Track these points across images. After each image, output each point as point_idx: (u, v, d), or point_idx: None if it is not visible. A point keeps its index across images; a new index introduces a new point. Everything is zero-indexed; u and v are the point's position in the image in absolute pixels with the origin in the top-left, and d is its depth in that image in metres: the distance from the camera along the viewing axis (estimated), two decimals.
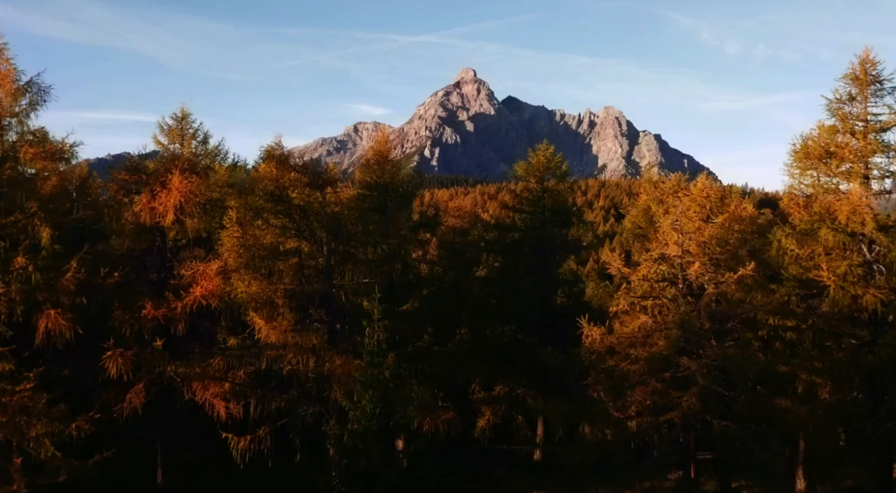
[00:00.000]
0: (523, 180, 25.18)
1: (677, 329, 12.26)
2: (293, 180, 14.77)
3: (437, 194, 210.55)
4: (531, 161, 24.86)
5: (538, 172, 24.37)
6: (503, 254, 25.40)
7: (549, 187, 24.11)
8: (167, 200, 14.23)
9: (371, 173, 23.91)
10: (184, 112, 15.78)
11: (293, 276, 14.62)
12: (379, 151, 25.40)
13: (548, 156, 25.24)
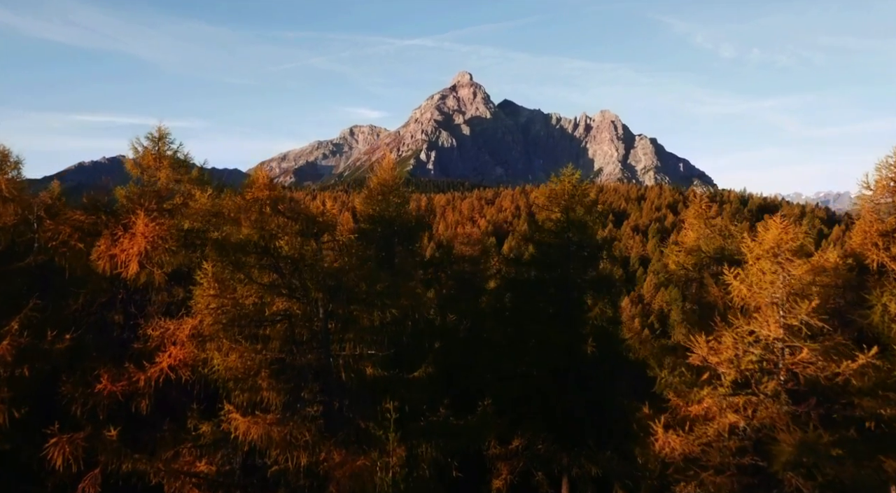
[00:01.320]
0: (546, 210, 22.18)
1: (793, 448, 9.62)
2: (282, 226, 11.99)
3: (433, 199, 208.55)
4: (554, 189, 21.95)
5: (562, 200, 21.46)
6: (521, 293, 22.38)
7: (574, 219, 21.14)
8: (130, 247, 11.79)
9: (374, 205, 21.57)
10: (161, 132, 13.30)
11: (282, 344, 11.76)
12: (383, 180, 22.64)
13: (573, 182, 22.15)
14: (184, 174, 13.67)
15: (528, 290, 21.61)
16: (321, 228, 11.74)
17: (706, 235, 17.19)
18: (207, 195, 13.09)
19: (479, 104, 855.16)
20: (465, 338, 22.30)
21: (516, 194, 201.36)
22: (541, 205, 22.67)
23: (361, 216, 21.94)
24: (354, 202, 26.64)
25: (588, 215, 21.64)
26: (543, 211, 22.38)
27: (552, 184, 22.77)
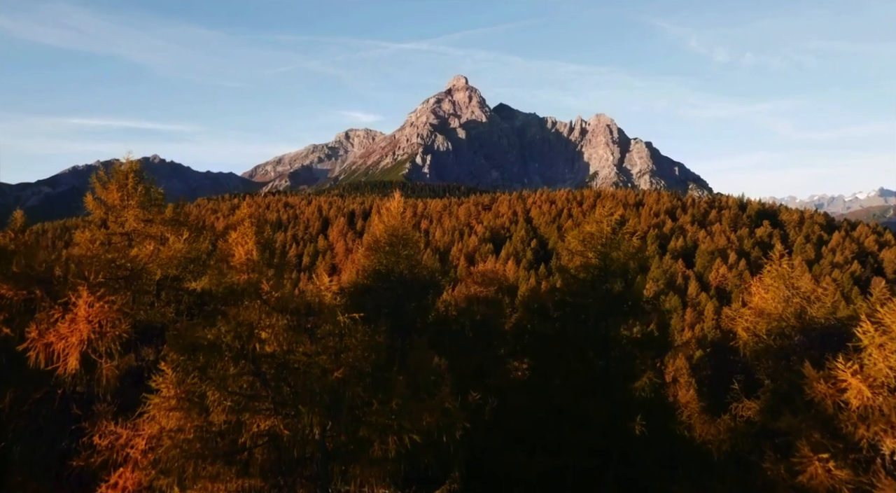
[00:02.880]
0: (579, 256, 18.61)
1: None
2: (267, 322, 8.68)
3: (430, 205, 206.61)
4: (589, 231, 18.58)
5: (598, 245, 18.21)
6: (548, 352, 18.62)
7: (614, 266, 17.97)
8: (69, 335, 9.18)
9: (381, 258, 18.55)
10: (130, 165, 11.36)
11: (265, 472, 8.88)
12: (391, 228, 19.29)
13: (612, 224, 18.89)
14: (156, 215, 11.67)
15: (557, 350, 18.24)
16: (318, 320, 8.84)
17: (784, 296, 14.22)
18: (183, 239, 11.14)
19: (475, 108, 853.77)
20: (491, 421, 18.28)
21: (513, 200, 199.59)
22: (573, 249, 19.35)
23: (365, 272, 18.80)
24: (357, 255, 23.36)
25: (631, 263, 18.78)
26: (576, 256, 19.01)
27: (587, 226, 19.58)
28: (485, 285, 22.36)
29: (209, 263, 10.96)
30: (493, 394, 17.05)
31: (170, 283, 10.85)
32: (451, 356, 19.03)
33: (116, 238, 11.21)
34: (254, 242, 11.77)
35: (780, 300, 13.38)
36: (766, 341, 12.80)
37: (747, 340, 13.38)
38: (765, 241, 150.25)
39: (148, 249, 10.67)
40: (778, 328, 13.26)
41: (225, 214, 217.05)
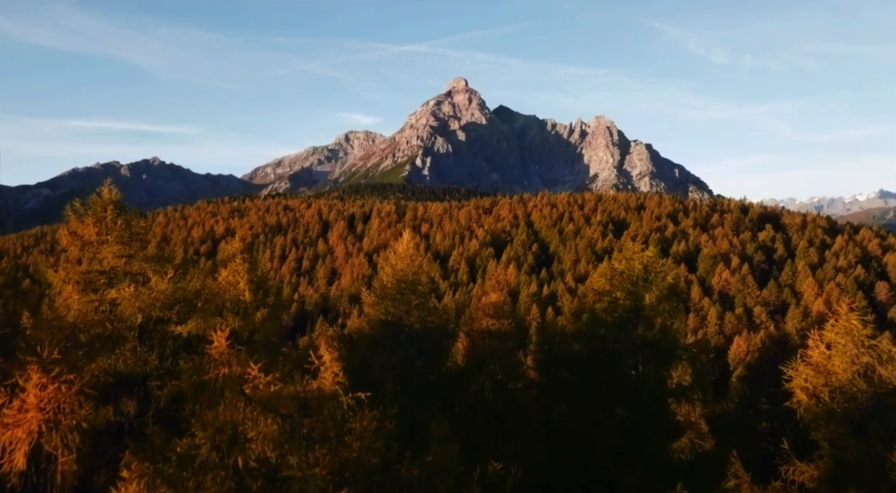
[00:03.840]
0: (605, 296, 16.63)
1: None
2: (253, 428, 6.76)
3: (430, 208, 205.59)
4: (618, 267, 16.60)
5: (628, 284, 16.15)
6: (571, 405, 16.68)
7: (646, 309, 15.95)
8: (17, 425, 7.45)
9: (390, 305, 16.47)
10: (110, 195, 10.01)
11: None
12: (400, 273, 17.05)
13: (644, 261, 16.70)
14: (137, 250, 10.54)
15: (582, 401, 16.21)
16: (314, 422, 7.12)
17: (852, 355, 11.86)
18: (168, 278, 10.09)
19: (475, 110, 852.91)
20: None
21: (514, 203, 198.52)
22: (599, 288, 17.33)
23: (371, 322, 16.76)
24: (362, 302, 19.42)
25: (666, 304, 16.70)
26: (603, 297, 17.02)
27: (615, 263, 17.78)
28: (497, 318, 20.25)
29: (197, 303, 9.89)
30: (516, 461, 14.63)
31: (153, 326, 9.84)
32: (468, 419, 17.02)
33: (93, 277, 10.17)
34: (246, 280, 10.71)
35: (848, 360, 11.43)
36: (829, 405, 11.08)
37: (806, 402, 11.46)
38: (767, 245, 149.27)
39: (128, 290, 9.60)
40: (844, 392, 11.30)
41: (225, 217, 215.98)
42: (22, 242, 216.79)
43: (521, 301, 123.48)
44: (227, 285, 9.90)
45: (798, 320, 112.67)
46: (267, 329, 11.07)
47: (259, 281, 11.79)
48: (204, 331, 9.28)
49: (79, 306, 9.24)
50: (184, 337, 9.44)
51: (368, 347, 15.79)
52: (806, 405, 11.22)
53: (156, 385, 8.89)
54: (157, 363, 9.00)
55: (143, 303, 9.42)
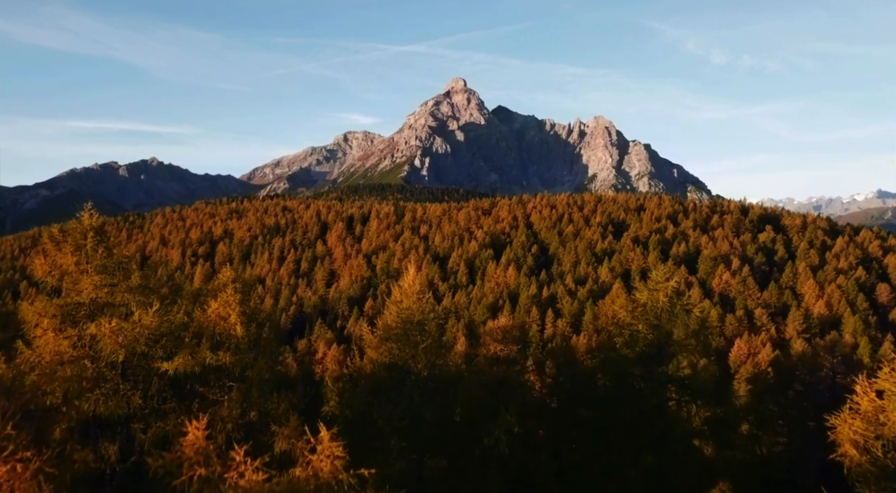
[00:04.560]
0: (628, 328, 14.90)
1: None
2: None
3: (429, 209, 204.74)
4: (641, 299, 14.82)
5: (652, 317, 14.42)
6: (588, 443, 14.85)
7: (672, 344, 14.15)
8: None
9: (395, 348, 14.94)
10: (90, 220, 9.27)
11: None
12: (407, 311, 15.27)
13: (669, 292, 14.79)
14: (120, 280, 9.75)
15: (601, 446, 14.53)
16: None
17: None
18: (153, 311, 9.29)
19: (473, 110, 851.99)
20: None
21: (513, 204, 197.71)
22: (620, 321, 15.48)
23: (375, 366, 15.19)
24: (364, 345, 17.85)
25: (693, 340, 14.83)
26: (625, 330, 15.30)
27: (638, 294, 15.97)
28: (505, 343, 18.94)
29: (184, 337, 9.17)
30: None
31: (137, 362, 9.05)
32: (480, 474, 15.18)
33: (72, 310, 9.41)
34: (238, 312, 9.96)
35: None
36: (882, 460, 10.08)
37: (857, 456, 10.36)
38: (768, 246, 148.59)
39: (108, 326, 8.81)
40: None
41: (223, 219, 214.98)
42: (19, 243, 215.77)
43: (520, 303, 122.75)
44: (216, 318, 9.15)
45: (799, 322, 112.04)
46: (261, 367, 10.26)
47: (252, 313, 10.96)
48: (192, 368, 8.56)
49: (56, 343, 8.54)
50: (170, 375, 8.70)
51: (371, 391, 14.42)
52: (856, 460, 10.24)
53: (139, 428, 8.19)
54: (141, 403, 8.26)
55: (125, 339, 8.66)
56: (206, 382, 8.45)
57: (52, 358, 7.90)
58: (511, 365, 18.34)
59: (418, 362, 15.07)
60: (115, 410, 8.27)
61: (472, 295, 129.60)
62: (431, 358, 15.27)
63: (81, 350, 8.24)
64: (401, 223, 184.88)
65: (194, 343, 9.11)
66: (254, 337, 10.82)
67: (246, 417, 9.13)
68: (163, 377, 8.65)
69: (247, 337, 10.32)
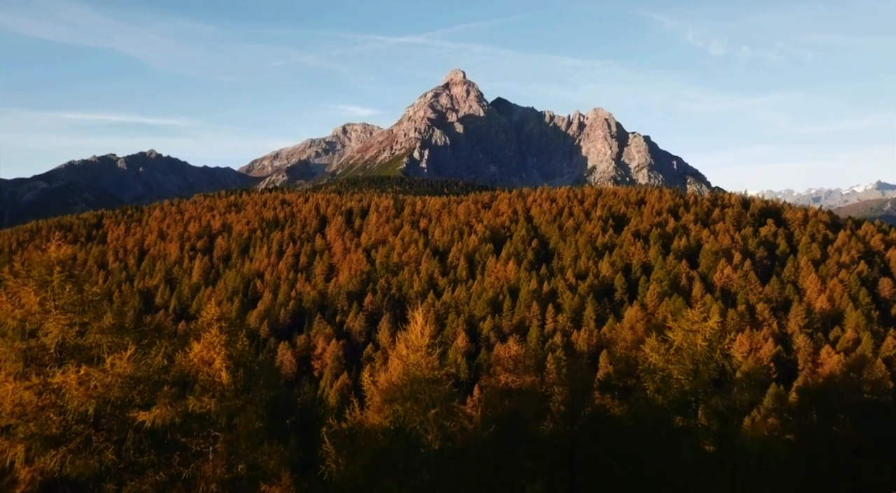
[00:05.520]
0: (660, 373, 13.08)
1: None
2: None
3: (428, 202, 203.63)
4: (675, 341, 13.05)
5: (687, 360, 12.65)
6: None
7: (709, 388, 12.25)
8: None
9: (400, 411, 13.12)
10: (57, 253, 7.96)
11: None
12: (415, 366, 13.54)
13: (708, 334, 12.88)
14: (92, 320, 8.72)
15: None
16: None
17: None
18: (128, 356, 8.23)
19: (473, 102, 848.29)
20: None
21: (513, 198, 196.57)
22: (653, 364, 13.81)
23: (378, 430, 13.28)
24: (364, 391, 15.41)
25: (736, 388, 13.06)
26: (656, 375, 13.74)
27: (671, 334, 14.38)
28: (517, 373, 17.59)
29: (164, 382, 8.20)
30: None
31: (110, 411, 8.05)
32: None
33: (36, 354, 8.40)
34: (224, 356, 8.96)
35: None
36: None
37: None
38: (769, 240, 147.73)
39: (75, 376, 7.72)
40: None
41: (221, 212, 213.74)
42: (17, 236, 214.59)
43: (521, 298, 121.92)
44: (199, 362, 8.22)
45: (801, 317, 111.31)
46: (250, 416, 9.25)
47: (239, 356, 9.87)
48: (172, 419, 7.61)
49: (17, 393, 7.52)
50: (147, 428, 7.76)
51: (373, 460, 12.52)
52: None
53: (112, 488, 7.27)
54: (114, 458, 7.32)
55: (96, 390, 7.69)
56: (189, 431, 7.55)
57: (13, 411, 7.03)
58: (525, 399, 16.73)
59: (428, 432, 13.12)
60: (85, 469, 7.35)
61: (473, 290, 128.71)
62: (442, 424, 13.29)
63: (47, 399, 7.29)
64: (400, 217, 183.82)
65: (174, 391, 8.16)
66: (241, 384, 9.78)
67: (233, 471, 8.23)
68: (140, 428, 7.71)
69: (234, 385, 9.31)
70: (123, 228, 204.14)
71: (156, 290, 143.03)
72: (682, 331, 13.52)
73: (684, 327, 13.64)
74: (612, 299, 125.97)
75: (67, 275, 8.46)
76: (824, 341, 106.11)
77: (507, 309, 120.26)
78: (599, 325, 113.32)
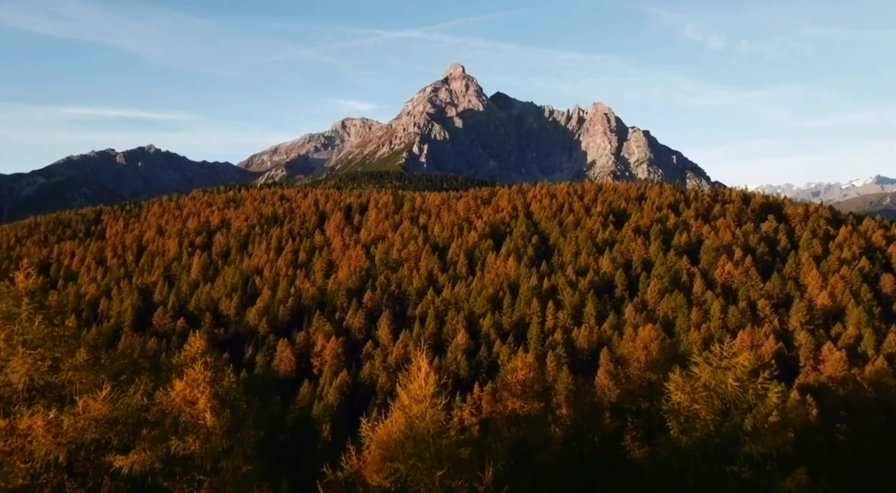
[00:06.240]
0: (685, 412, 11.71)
1: None
2: None
3: (428, 198, 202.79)
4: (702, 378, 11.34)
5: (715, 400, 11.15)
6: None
7: (742, 438, 10.74)
8: None
9: (401, 469, 11.64)
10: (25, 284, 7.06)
11: None
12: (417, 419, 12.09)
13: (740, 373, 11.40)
14: (64, 356, 7.92)
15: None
16: None
17: None
18: (103, 396, 7.48)
19: (472, 97, 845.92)
20: None
21: (513, 193, 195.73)
22: (679, 404, 12.24)
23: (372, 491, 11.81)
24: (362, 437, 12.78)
25: (772, 438, 11.50)
26: (680, 415, 12.18)
27: (698, 370, 12.69)
28: (525, 399, 16.49)
29: (144, 422, 7.50)
30: None
31: (84, 455, 7.33)
32: None
33: (3, 394, 7.70)
34: (208, 395, 8.25)
35: None
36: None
37: None
38: (770, 236, 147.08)
39: (40, 424, 6.96)
40: None
41: (220, 208, 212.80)
42: (15, 232, 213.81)
43: (521, 295, 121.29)
44: (182, 402, 7.53)
45: (802, 313, 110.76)
46: (237, 460, 8.54)
47: (225, 395, 9.08)
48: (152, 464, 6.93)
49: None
50: (124, 475, 7.07)
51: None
52: None
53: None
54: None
55: (67, 435, 6.98)
56: (172, 475, 6.92)
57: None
58: (534, 425, 15.66)
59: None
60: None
61: (472, 287, 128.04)
62: (449, 483, 11.62)
63: (14, 444, 6.62)
64: (399, 213, 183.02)
65: (155, 433, 7.48)
66: (226, 426, 9.01)
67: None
68: (116, 478, 7.03)
69: (219, 427, 8.60)
70: (122, 224, 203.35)
71: (154, 287, 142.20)
72: (710, 367, 11.95)
73: (712, 363, 12.10)
74: (612, 296, 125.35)
75: (37, 307, 7.75)
76: (826, 337, 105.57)
77: (507, 306, 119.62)
78: (600, 322, 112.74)
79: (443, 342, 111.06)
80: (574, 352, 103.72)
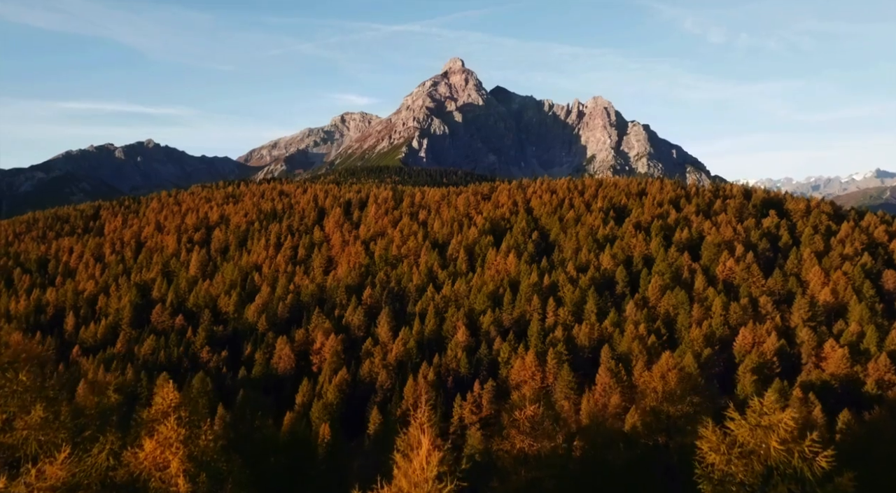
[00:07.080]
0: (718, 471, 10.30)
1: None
2: None
3: (427, 194, 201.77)
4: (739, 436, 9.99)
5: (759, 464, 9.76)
6: None
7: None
8: None
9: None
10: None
11: None
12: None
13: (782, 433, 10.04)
14: (18, 411, 6.82)
15: None
16: None
17: None
18: (62, 459, 6.54)
19: (471, 91, 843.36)
20: None
21: (513, 189, 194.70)
22: (714, 464, 10.72)
23: None
24: None
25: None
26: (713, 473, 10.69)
27: (735, 426, 11.12)
28: (535, 437, 15.25)
29: (111, 487, 6.70)
30: None
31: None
32: None
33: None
34: (182, 456, 7.46)
35: None
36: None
37: None
38: (772, 232, 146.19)
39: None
40: None
41: (219, 203, 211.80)
42: (14, 228, 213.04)
43: (521, 291, 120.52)
44: (152, 466, 6.72)
45: (805, 310, 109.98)
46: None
47: (202, 455, 8.08)
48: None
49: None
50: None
51: None
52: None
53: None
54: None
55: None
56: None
57: None
58: (544, 464, 14.28)
59: None
60: None
61: (472, 283, 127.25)
62: None
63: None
64: (399, 209, 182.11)
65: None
66: (205, 490, 8.07)
67: None
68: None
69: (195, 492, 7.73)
70: (121, 220, 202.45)
71: (153, 283, 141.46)
72: (749, 425, 10.66)
73: (751, 422, 10.57)
74: (613, 293, 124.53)
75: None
76: (828, 334, 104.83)
77: (508, 303, 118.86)
78: (601, 319, 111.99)
79: (443, 340, 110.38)
80: (575, 349, 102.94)
